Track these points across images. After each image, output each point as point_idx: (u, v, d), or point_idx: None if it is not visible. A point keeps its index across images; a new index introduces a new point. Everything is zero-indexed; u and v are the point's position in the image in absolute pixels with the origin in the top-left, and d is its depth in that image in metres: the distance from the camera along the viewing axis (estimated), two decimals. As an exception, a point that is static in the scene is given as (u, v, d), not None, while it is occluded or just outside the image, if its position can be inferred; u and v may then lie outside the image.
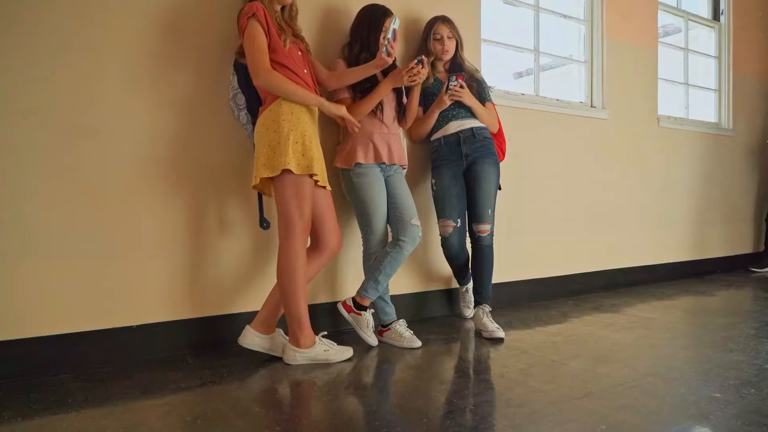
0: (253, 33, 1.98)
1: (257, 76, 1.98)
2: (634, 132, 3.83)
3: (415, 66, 2.28)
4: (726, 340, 2.38)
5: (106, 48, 2.06)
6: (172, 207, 2.18)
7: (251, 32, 1.99)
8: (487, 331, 2.44)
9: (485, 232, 2.54)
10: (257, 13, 1.99)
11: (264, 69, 1.97)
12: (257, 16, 1.99)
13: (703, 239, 4.34)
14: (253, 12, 1.99)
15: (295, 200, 2.00)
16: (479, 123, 2.60)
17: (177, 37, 2.19)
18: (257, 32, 1.99)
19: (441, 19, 2.63)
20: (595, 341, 2.38)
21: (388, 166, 2.40)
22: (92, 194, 2.03)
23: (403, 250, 2.31)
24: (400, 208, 2.37)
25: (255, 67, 1.98)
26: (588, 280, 3.57)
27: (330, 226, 2.19)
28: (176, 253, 2.19)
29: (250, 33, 1.99)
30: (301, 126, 2.00)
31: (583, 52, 3.69)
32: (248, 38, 1.99)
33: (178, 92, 2.19)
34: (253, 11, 1.99)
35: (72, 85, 2.00)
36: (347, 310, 2.35)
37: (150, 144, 2.14)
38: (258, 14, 1.99)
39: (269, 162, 1.98)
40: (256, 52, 1.98)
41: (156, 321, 2.16)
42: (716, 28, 4.56)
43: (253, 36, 1.98)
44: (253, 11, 1.99)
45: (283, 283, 2.03)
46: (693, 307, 3.14)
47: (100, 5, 2.04)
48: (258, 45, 1.98)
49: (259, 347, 2.11)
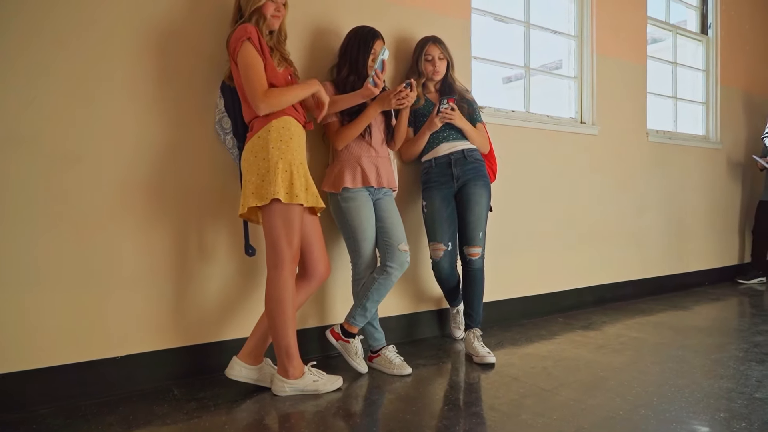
0: (250, 59, 1.94)
1: (260, 102, 1.93)
2: (624, 147, 3.84)
3: (403, 89, 2.25)
4: (715, 364, 2.38)
5: (89, 73, 2.00)
6: (156, 233, 2.14)
7: (248, 58, 1.94)
8: (478, 356, 2.42)
9: (476, 255, 2.52)
10: (251, 36, 1.95)
11: (263, 94, 1.93)
12: (252, 40, 1.95)
13: (690, 252, 4.36)
14: (248, 36, 1.95)
15: (283, 229, 1.96)
16: (470, 145, 2.58)
17: (163, 60, 2.14)
18: (254, 57, 1.94)
19: (432, 40, 2.61)
20: (585, 366, 2.37)
21: (376, 189, 2.37)
22: (73, 222, 1.98)
23: (391, 277, 2.29)
24: (389, 233, 2.34)
25: (255, 94, 1.93)
26: (577, 296, 3.57)
27: (318, 253, 2.16)
28: (161, 280, 2.15)
29: (247, 59, 1.94)
30: (290, 153, 1.97)
31: (573, 68, 3.69)
32: (246, 65, 1.94)
33: (163, 115, 2.15)
34: (247, 35, 1.95)
35: (53, 110, 1.94)
36: (335, 337, 2.31)
37: (134, 169, 2.09)
38: (252, 37, 1.95)
39: (258, 191, 1.95)
40: (255, 80, 1.93)
41: (140, 351, 2.11)
42: (704, 42, 4.59)
43: (251, 62, 1.94)
44: (247, 35, 1.95)
45: (271, 313, 2.00)
46: (681, 324, 3.14)
47: (82, 31, 1.99)
48: (257, 71, 1.94)
49: (247, 378, 2.08)
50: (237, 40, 1.95)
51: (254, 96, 1.94)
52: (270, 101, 1.94)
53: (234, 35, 1.97)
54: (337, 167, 2.34)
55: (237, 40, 1.95)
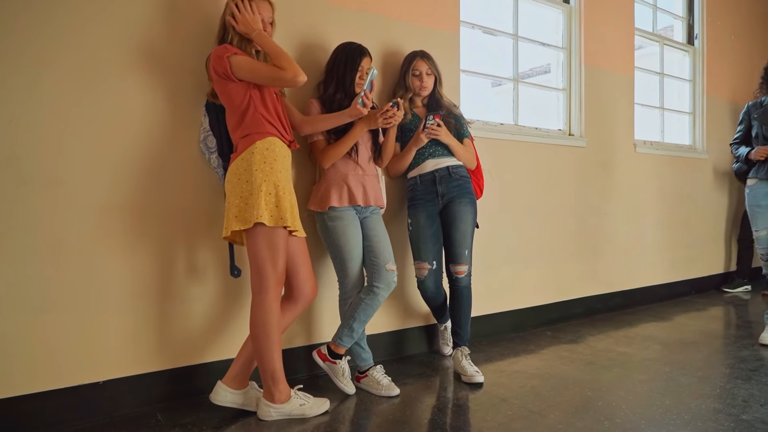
0: (247, 63, 1.92)
1: (291, 75, 1.90)
2: (612, 159, 3.85)
3: (390, 109, 2.24)
4: (702, 382, 2.38)
5: (70, 92, 1.96)
6: (140, 254, 2.10)
7: (245, 63, 1.92)
8: (466, 375, 2.41)
9: (462, 273, 2.51)
10: (236, 52, 1.94)
11: (282, 69, 1.91)
12: (237, 53, 1.93)
13: (678, 261, 4.39)
14: (233, 52, 1.93)
15: (268, 253, 1.93)
16: (456, 161, 2.56)
17: (146, 77, 2.10)
18: (248, 60, 1.94)
19: (420, 55, 2.59)
20: (573, 385, 2.36)
21: (363, 207, 2.35)
22: (54, 245, 1.94)
23: (378, 297, 2.27)
24: (375, 252, 2.32)
25: (278, 75, 1.91)
26: (566, 309, 3.57)
27: (304, 274, 2.13)
28: (144, 302, 2.11)
29: (244, 65, 1.91)
30: (274, 176, 1.94)
31: (561, 80, 3.69)
32: (249, 69, 1.92)
33: (146, 135, 2.11)
34: (231, 51, 1.93)
35: (32, 132, 1.90)
36: (322, 358, 2.29)
37: (116, 190, 2.05)
38: (237, 52, 1.94)
39: (241, 214, 1.92)
40: (265, 69, 1.93)
41: (123, 375, 2.07)
42: (690, 52, 4.62)
43: (251, 65, 1.93)
44: (231, 51, 1.93)
45: (256, 337, 1.96)
46: (668, 338, 3.15)
47: (63, 51, 1.94)
48: (261, 64, 1.95)
49: (232, 403, 2.04)
50: (219, 58, 1.92)
51: (280, 77, 1.91)
52: (295, 68, 1.91)
53: (215, 54, 1.94)
54: (323, 185, 2.32)
55: (219, 58, 1.92)
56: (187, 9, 2.18)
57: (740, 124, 3.26)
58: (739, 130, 3.26)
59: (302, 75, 1.92)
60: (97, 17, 2.00)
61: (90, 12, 1.99)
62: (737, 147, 3.24)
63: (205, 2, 2.21)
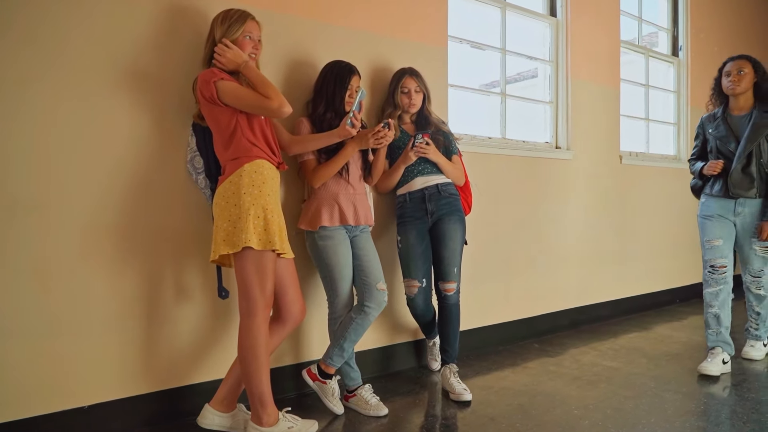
0: (234, 90, 1.91)
1: (276, 107, 1.89)
2: (598, 171, 3.89)
3: (381, 129, 2.24)
4: (687, 398, 2.42)
5: (56, 112, 1.93)
6: (126, 275, 2.08)
7: (231, 90, 1.90)
8: (454, 393, 2.41)
9: (451, 291, 2.52)
10: (223, 76, 1.93)
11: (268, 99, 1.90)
12: (225, 79, 1.92)
13: (662, 270, 4.44)
14: (220, 77, 1.92)
15: (256, 277, 1.92)
16: (445, 179, 2.57)
17: (133, 96, 2.08)
18: (235, 86, 1.92)
19: (409, 72, 2.59)
20: (561, 403, 2.38)
21: (353, 226, 2.35)
22: (38, 268, 1.91)
23: (369, 316, 2.27)
24: (366, 271, 2.32)
25: (263, 105, 1.90)
26: (553, 320, 3.60)
27: (292, 295, 2.12)
28: (130, 324, 2.09)
29: (231, 92, 1.90)
30: (262, 199, 1.93)
31: (548, 93, 3.72)
32: (235, 96, 1.90)
33: (133, 154, 2.08)
34: (218, 77, 1.92)
35: (12, 156, 1.87)
36: (312, 378, 2.29)
37: (101, 211, 2.02)
38: (224, 77, 1.93)
39: (229, 238, 1.90)
40: (251, 97, 1.91)
41: (110, 399, 2.04)
42: (675, 64, 4.68)
43: (238, 92, 1.91)
44: (218, 77, 1.92)
45: (244, 360, 1.95)
46: (653, 351, 3.19)
47: (48, 69, 1.91)
48: (247, 91, 1.92)
49: (220, 426, 2.03)
50: (206, 83, 1.91)
51: (265, 107, 1.90)
52: (281, 98, 1.91)
53: (202, 77, 1.93)
54: (313, 204, 2.31)
55: (206, 83, 1.91)
56: (175, 29, 2.16)
57: (696, 139, 3.05)
58: (696, 145, 3.05)
59: (287, 106, 1.92)
60: (84, 36, 1.98)
61: (77, 31, 1.96)
62: (694, 162, 3.02)
63: (192, 22, 2.19)
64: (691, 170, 3.04)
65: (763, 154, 2.74)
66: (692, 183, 3.06)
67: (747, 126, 2.77)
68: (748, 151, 2.74)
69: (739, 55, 2.88)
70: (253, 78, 1.95)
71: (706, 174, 2.87)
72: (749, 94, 2.84)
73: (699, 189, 3.00)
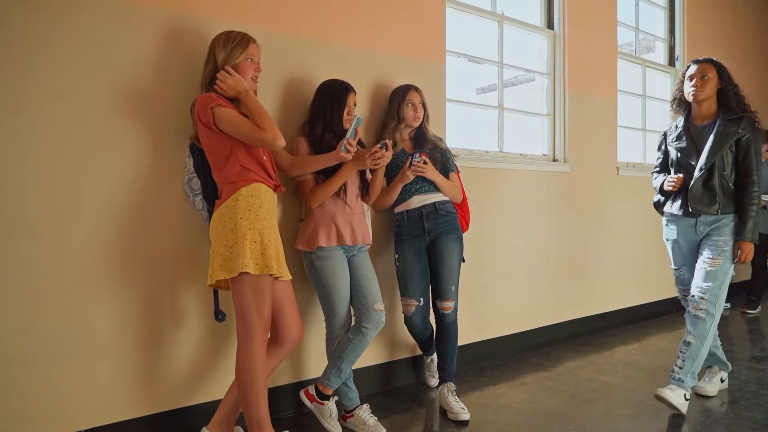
0: (231, 117, 1.91)
1: (271, 139, 1.90)
2: (595, 183, 3.90)
3: (378, 150, 2.24)
4: (682, 417, 2.42)
5: (53, 134, 1.93)
6: (124, 299, 2.07)
7: (229, 118, 1.90)
8: (452, 413, 2.42)
9: (449, 309, 2.52)
10: (221, 102, 1.93)
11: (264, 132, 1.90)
12: (222, 105, 1.92)
13: (658, 281, 4.44)
14: (218, 103, 1.92)
15: (253, 301, 1.92)
16: (443, 197, 2.58)
17: (130, 118, 2.07)
18: (232, 114, 1.92)
19: (414, 88, 2.61)
20: (558, 422, 2.38)
21: (351, 246, 2.35)
22: (34, 292, 1.90)
23: (366, 337, 2.27)
24: (363, 292, 2.32)
25: (259, 137, 1.90)
26: (550, 333, 3.60)
27: (290, 317, 2.12)
28: (128, 347, 2.08)
29: (228, 119, 1.90)
30: (259, 223, 1.93)
31: (545, 105, 3.72)
32: (231, 124, 1.90)
33: (130, 176, 2.08)
34: (216, 102, 1.92)
35: (6, 180, 1.86)
36: (310, 399, 2.29)
37: (98, 234, 2.02)
38: (222, 102, 1.93)
39: (226, 263, 1.90)
40: (247, 127, 1.91)
41: (108, 422, 2.04)
42: (672, 73, 4.69)
43: (235, 120, 1.91)
44: (216, 102, 1.92)
45: (242, 384, 1.95)
46: (650, 365, 3.20)
47: (47, 91, 1.91)
48: (245, 121, 1.92)
49: (218, 450, 2.03)
50: (204, 108, 1.91)
51: (260, 138, 1.91)
52: (275, 129, 1.91)
53: (200, 102, 1.93)
54: (311, 225, 2.31)
55: (204, 108, 1.91)
56: (173, 51, 2.16)
57: (658, 150, 2.77)
58: (658, 157, 2.77)
59: (281, 139, 1.92)
60: (82, 60, 1.97)
61: (75, 54, 1.96)
62: (656, 176, 2.76)
63: (191, 44, 2.19)
64: (653, 185, 2.77)
65: (726, 167, 2.46)
66: (654, 200, 2.78)
67: (710, 136, 2.48)
68: (710, 163, 2.45)
69: (704, 58, 2.55)
70: (252, 107, 1.95)
71: (666, 190, 2.61)
72: (712, 101, 2.53)
73: (662, 205, 2.72)
